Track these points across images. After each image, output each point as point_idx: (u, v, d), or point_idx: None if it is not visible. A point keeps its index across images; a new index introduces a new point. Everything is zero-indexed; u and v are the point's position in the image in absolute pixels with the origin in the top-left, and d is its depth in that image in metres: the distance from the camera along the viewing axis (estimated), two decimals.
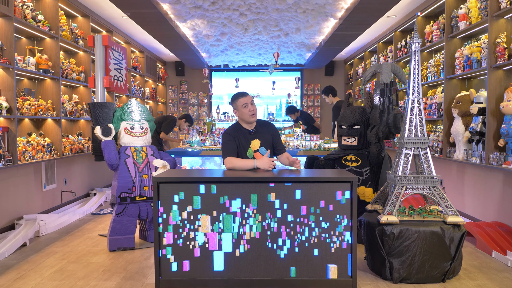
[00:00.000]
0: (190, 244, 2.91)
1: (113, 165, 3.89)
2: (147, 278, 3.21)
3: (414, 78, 3.19)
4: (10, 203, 4.44)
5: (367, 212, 3.47)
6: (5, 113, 4.07)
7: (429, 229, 3.05)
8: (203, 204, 2.92)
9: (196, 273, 2.91)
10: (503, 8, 3.88)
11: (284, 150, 3.58)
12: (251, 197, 2.91)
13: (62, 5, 5.39)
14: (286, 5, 5.60)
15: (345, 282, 2.90)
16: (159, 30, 6.44)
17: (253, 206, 2.91)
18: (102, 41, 4.30)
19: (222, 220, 2.92)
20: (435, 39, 5.27)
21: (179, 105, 10.53)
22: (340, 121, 4.18)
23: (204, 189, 2.91)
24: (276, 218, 2.91)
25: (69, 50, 5.80)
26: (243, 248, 2.92)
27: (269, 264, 2.91)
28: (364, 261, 3.48)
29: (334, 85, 10.23)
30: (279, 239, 2.91)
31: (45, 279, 3.20)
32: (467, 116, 4.47)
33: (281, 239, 2.91)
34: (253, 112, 3.40)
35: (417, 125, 3.18)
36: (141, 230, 4.29)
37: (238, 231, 2.91)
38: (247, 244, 2.91)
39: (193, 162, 5.78)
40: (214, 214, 2.91)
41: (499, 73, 4.03)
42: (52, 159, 4.89)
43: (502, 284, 3.09)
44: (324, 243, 2.89)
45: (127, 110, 4.13)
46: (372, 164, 3.99)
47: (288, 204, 2.91)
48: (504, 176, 4.14)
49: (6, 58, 4.12)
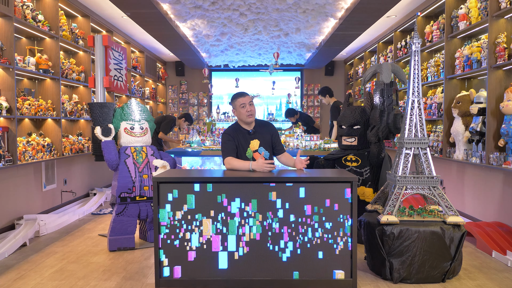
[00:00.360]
0: (187, 245, 2.91)
1: (113, 165, 3.89)
2: (147, 278, 3.21)
3: (414, 78, 3.19)
4: (10, 203, 4.44)
5: (367, 212, 3.47)
6: (5, 113, 4.07)
7: (429, 229, 3.05)
8: (202, 204, 2.92)
9: (196, 274, 2.92)
10: (503, 8, 3.88)
11: (283, 150, 3.57)
12: (251, 197, 2.91)
13: (62, 5, 5.39)
14: (286, 5, 5.60)
15: (345, 282, 2.90)
16: (159, 30, 6.44)
17: (253, 206, 2.91)
18: (102, 41, 4.30)
19: (224, 220, 2.92)
20: (435, 39, 5.27)
21: (179, 105, 10.53)
22: (340, 121, 4.18)
23: (204, 189, 2.91)
24: (277, 218, 2.91)
25: (69, 50, 5.80)
26: (242, 251, 2.92)
27: (269, 264, 2.92)
28: (364, 261, 3.48)
29: (334, 85, 10.27)
30: (281, 240, 2.91)
31: (45, 279, 3.20)
32: (467, 116, 4.47)
33: (283, 241, 2.91)
34: (250, 113, 3.40)
35: (417, 125, 3.18)
36: (141, 230, 4.29)
37: (238, 232, 2.91)
38: (247, 246, 2.91)
39: (193, 162, 5.78)
40: (213, 215, 2.92)
41: (499, 73, 4.03)
42: (52, 159, 4.89)
43: (502, 284, 3.09)
44: (326, 244, 2.90)
45: (127, 110, 4.13)
46: (372, 164, 3.99)
47: (289, 204, 2.91)
48: (504, 176, 4.14)
49: (6, 58, 4.12)
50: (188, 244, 2.92)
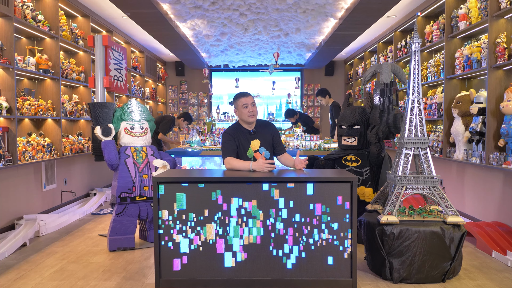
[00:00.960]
0: (187, 245, 2.92)
1: (113, 165, 3.89)
2: (147, 278, 3.21)
3: (414, 78, 3.19)
4: (10, 203, 4.44)
5: (367, 212, 3.47)
6: (5, 113, 4.07)
7: (429, 229, 3.05)
8: (202, 204, 2.92)
9: (196, 274, 2.91)
10: (503, 8, 3.88)
11: (284, 151, 3.57)
12: (251, 198, 2.91)
13: (62, 5, 5.39)
14: (286, 5, 5.60)
15: (345, 282, 2.90)
16: (159, 30, 6.44)
17: (253, 206, 2.91)
18: (102, 41, 4.30)
19: (222, 221, 2.92)
20: (435, 39, 5.27)
21: (179, 105, 10.53)
22: (340, 121, 4.18)
23: (204, 188, 2.91)
24: (278, 218, 2.91)
25: (69, 50, 5.80)
26: (242, 253, 2.92)
27: (270, 264, 2.92)
28: (364, 261, 3.48)
29: (334, 85, 10.28)
30: (282, 242, 2.91)
31: (45, 279, 3.20)
32: (467, 116, 4.47)
33: (285, 244, 2.91)
34: (252, 113, 3.40)
35: (417, 125, 3.18)
36: (141, 230, 4.29)
37: (238, 233, 2.91)
38: (247, 247, 2.91)
39: (193, 162, 5.78)
40: (213, 215, 2.92)
41: (499, 73, 4.03)
42: (52, 159, 4.89)
43: (502, 284, 3.09)
44: (326, 243, 2.90)
45: (127, 110, 4.13)
46: (372, 164, 3.98)
47: (289, 204, 2.91)
48: (504, 176, 4.14)
49: (6, 58, 4.12)
50: (188, 244, 2.91)
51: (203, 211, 2.91)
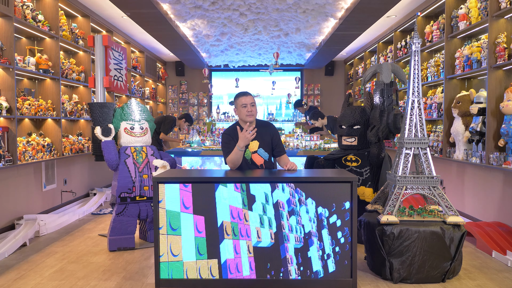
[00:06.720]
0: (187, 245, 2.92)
1: (113, 165, 3.89)
2: (147, 278, 3.21)
3: (414, 78, 3.19)
4: (10, 203, 4.44)
5: (367, 212, 3.47)
6: (5, 113, 4.07)
7: (429, 229, 3.05)
8: (201, 204, 2.92)
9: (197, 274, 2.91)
10: (503, 8, 3.88)
11: (283, 152, 3.51)
12: (250, 197, 2.91)
13: (62, 5, 5.39)
14: (286, 5, 5.60)
15: (345, 282, 2.90)
16: (159, 30, 6.44)
17: (253, 206, 2.91)
18: (102, 41, 4.30)
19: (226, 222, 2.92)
20: (435, 39, 5.27)
21: (179, 105, 10.53)
22: (340, 121, 4.18)
23: (205, 188, 2.91)
24: (278, 218, 2.91)
25: (69, 50, 5.80)
26: (242, 253, 2.92)
27: (269, 263, 2.91)
28: (364, 261, 3.48)
29: (334, 85, 10.29)
30: (282, 242, 2.91)
31: (45, 279, 3.20)
32: (467, 116, 4.47)
33: (285, 243, 2.91)
34: (251, 113, 3.39)
35: (417, 125, 3.18)
36: (141, 230, 4.29)
37: (238, 233, 2.91)
38: (247, 247, 2.91)
39: (193, 162, 5.78)
40: (213, 215, 2.92)
41: (499, 73, 4.03)
42: (52, 159, 4.89)
43: (502, 284, 3.09)
44: (326, 243, 2.90)
45: (127, 110, 4.13)
46: (372, 164, 3.99)
47: (289, 204, 2.91)
48: (504, 176, 4.14)
49: (6, 58, 4.12)
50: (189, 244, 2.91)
51: (209, 212, 2.91)
